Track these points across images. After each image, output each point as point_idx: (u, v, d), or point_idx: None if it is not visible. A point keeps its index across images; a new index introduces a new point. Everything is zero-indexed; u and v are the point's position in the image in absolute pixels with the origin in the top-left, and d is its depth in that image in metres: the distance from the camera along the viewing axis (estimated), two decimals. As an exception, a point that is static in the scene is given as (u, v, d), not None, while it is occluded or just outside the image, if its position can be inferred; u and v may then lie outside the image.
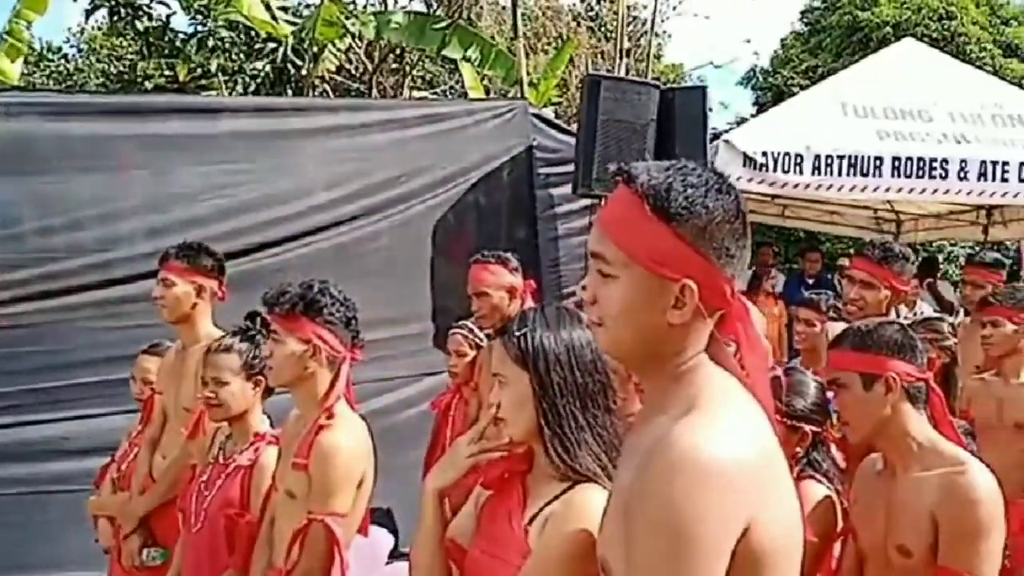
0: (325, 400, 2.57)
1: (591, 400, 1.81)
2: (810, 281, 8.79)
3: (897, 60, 8.57)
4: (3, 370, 4.55)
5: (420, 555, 1.94)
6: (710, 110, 6.00)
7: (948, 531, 2.10)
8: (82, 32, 14.59)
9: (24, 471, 4.56)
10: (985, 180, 7.28)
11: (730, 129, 10.38)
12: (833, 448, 2.67)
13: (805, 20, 22.11)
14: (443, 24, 8.19)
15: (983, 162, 7.25)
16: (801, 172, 7.15)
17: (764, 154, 7.07)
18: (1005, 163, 7.26)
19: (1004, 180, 7.28)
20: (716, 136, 7.79)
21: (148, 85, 7.76)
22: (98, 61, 12.46)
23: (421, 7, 10.92)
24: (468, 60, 8.18)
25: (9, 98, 4.90)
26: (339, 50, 8.12)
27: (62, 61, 14.64)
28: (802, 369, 3.00)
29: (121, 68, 9.79)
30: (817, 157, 7.14)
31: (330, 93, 9.05)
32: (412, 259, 5.48)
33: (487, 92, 10.69)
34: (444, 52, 8.21)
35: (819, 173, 7.17)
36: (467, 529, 1.97)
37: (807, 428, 2.53)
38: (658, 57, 18.14)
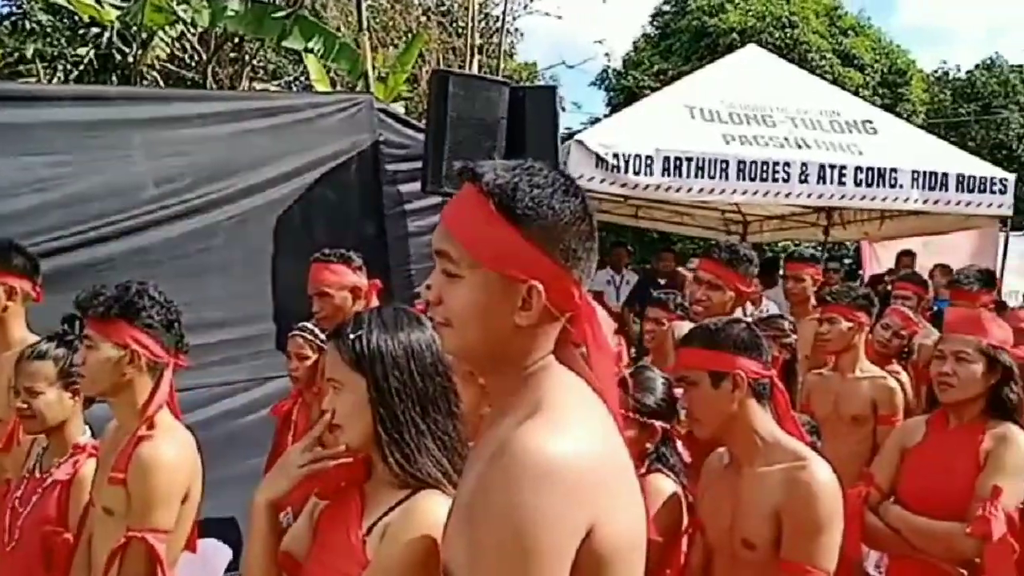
0: (145, 409, 2.44)
1: (432, 404, 1.77)
2: (662, 281, 9.06)
3: (741, 66, 8.96)
4: None
5: (251, 570, 1.86)
6: (563, 110, 6.08)
7: (790, 525, 2.18)
8: None
9: None
10: (824, 183, 7.71)
11: (583, 129, 10.59)
12: (679, 444, 2.73)
13: (655, 24, 22.88)
14: (283, 13, 7.97)
15: (822, 166, 7.68)
16: (651, 173, 7.38)
17: (615, 155, 7.26)
18: (843, 167, 7.71)
19: (841, 183, 7.73)
20: (569, 136, 7.93)
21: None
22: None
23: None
24: (311, 52, 7.99)
25: None
26: (171, 37, 7.77)
27: None
28: (650, 366, 3.07)
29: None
30: (666, 159, 7.39)
31: (161, 82, 8.68)
32: (252, 257, 5.29)
33: (334, 85, 10.51)
34: (285, 43, 7.97)
35: (668, 175, 7.42)
36: (303, 541, 1.91)
37: (656, 424, 2.58)
38: (511, 55, 18.35)
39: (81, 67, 7.41)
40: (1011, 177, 8.09)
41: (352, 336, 1.77)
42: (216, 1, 8.07)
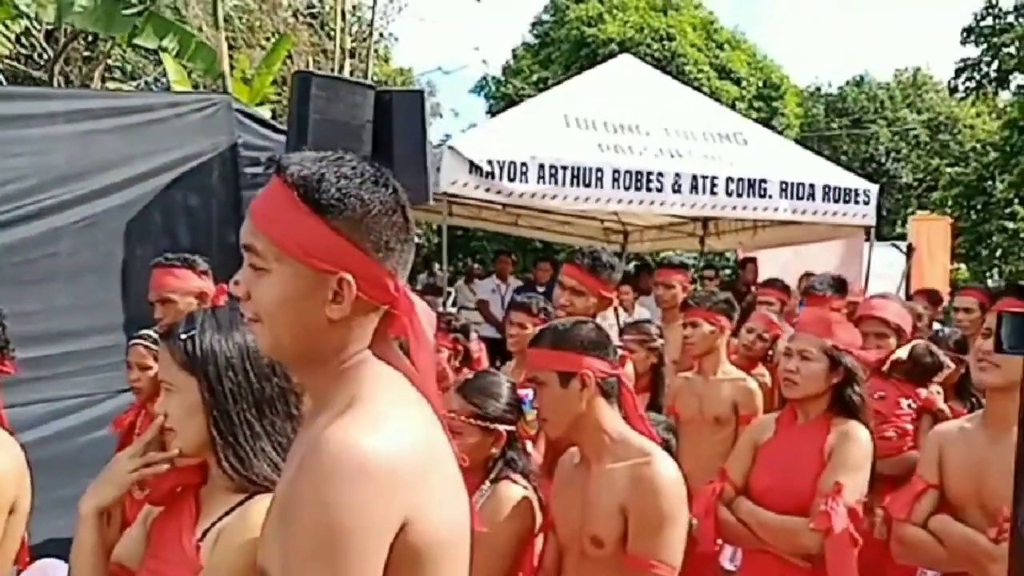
0: None
1: (268, 406, 1.77)
2: (541, 289, 9.22)
3: (616, 75, 9.19)
4: None
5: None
6: (440, 116, 6.12)
7: (635, 520, 2.27)
8: None
9: None
10: (697, 193, 7.97)
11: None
12: (530, 445, 2.79)
13: (535, 32, 23.22)
14: (135, 11, 7.75)
15: (695, 176, 7.93)
16: (527, 181, 7.49)
17: (490, 162, 7.33)
18: (715, 177, 7.98)
19: (714, 193, 8.00)
20: (445, 142, 7.96)
21: None
22: None
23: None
24: (165, 50, 7.82)
25: None
26: (14, 33, 7.47)
27: None
28: (493, 371, 3.13)
29: None
30: (541, 167, 7.51)
31: (3, 81, 8.31)
32: (99, 264, 5.14)
33: (196, 88, 10.27)
34: (136, 41, 7.76)
35: (544, 182, 7.54)
36: (136, 549, 1.88)
37: (502, 429, 2.62)
38: (387, 60, 18.30)
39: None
40: (874, 188, 8.53)
41: (184, 336, 1.76)
42: (65, -5, 7.84)
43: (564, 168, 7.57)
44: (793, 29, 65.74)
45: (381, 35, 17.18)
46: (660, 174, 7.86)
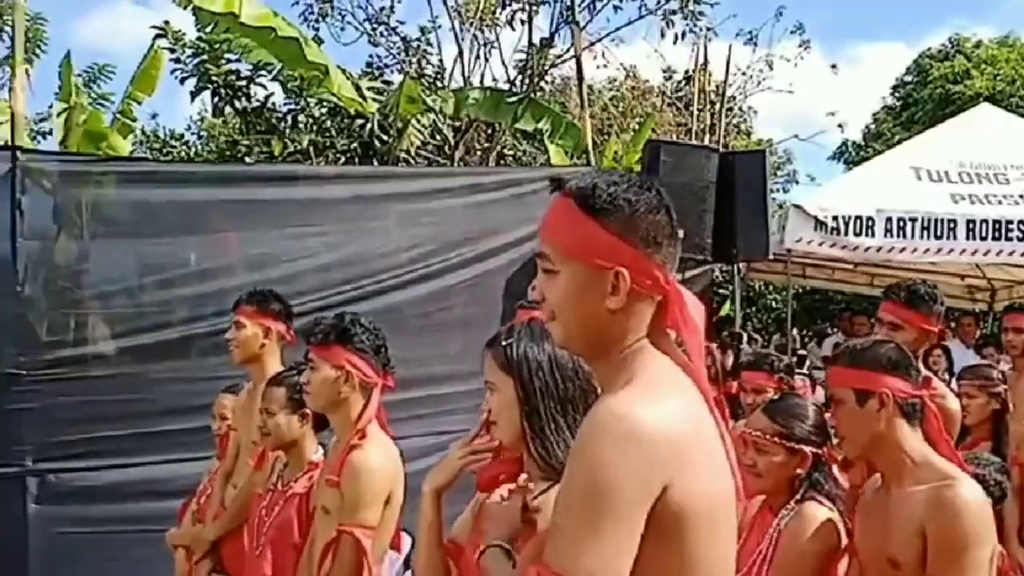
0: (357, 423, 2.73)
1: (571, 404, 1.90)
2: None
3: (972, 125, 8.48)
4: (107, 415, 4.81)
5: (420, 551, 2.08)
6: (795, 183, 6.05)
7: (933, 543, 2.12)
8: (202, 120, 15.70)
9: (117, 510, 4.78)
10: (1066, 242, 7.09)
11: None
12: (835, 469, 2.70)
13: (896, 95, 21.87)
14: (516, 98, 8.58)
15: (1062, 224, 7.07)
16: (873, 235, 7.13)
17: (835, 217, 7.09)
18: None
19: (1087, 242, 7.07)
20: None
21: (248, 161, 8.31)
22: (216, 145, 13.35)
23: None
24: (540, 132, 8.55)
25: (122, 167, 5.41)
26: (423, 126, 8.56)
27: (184, 147, 15.78)
28: (798, 394, 3.05)
29: (223, 145, 10.48)
30: (889, 220, 7.12)
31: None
32: (484, 315, 5.64)
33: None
34: (517, 125, 8.61)
35: (891, 235, 7.14)
36: (466, 529, 2.10)
37: (807, 450, 2.57)
38: (748, 134, 18.21)
39: (346, 155, 8.31)
40: None
41: (504, 343, 1.96)
42: (461, 90, 8.81)
43: (913, 220, 7.11)
44: None
45: (740, 109, 17.20)
46: (1021, 222, 7.12)
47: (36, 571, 4.59)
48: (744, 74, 15.60)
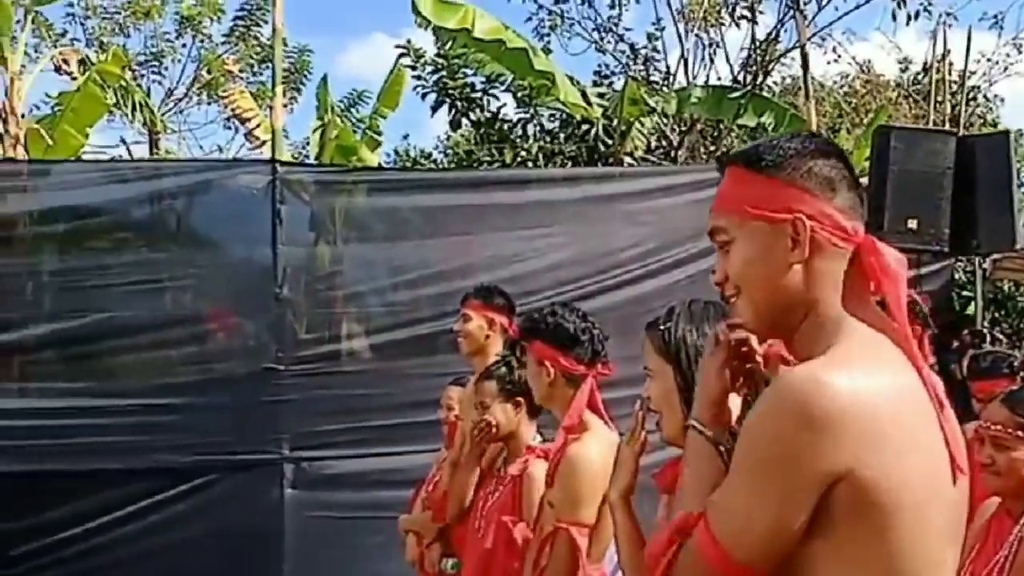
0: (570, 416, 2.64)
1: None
2: None
3: None
4: (356, 407, 5.10)
5: (626, 561, 1.96)
6: (1020, 161, 5.53)
7: None
8: (448, 138, 16.49)
9: (359, 498, 5.01)
10: None
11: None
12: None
13: None
14: (738, 94, 8.33)
15: None
16: None
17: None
18: None
19: None
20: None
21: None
22: (455, 156, 13.96)
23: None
24: (763, 127, 8.25)
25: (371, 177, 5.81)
26: (647, 129, 8.51)
27: (431, 164, 16.61)
28: None
29: (460, 156, 10.90)
30: None
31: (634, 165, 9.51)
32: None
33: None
34: (740, 120, 8.35)
35: None
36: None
37: None
38: (994, 124, 16.64)
39: (573, 161, 8.43)
40: None
41: (662, 327, 1.80)
42: (683, 90, 8.68)
43: None
44: None
45: (985, 98, 15.72)
46: None
47: (292, 551, 4.89)
48: (989, 60, 14.28)
